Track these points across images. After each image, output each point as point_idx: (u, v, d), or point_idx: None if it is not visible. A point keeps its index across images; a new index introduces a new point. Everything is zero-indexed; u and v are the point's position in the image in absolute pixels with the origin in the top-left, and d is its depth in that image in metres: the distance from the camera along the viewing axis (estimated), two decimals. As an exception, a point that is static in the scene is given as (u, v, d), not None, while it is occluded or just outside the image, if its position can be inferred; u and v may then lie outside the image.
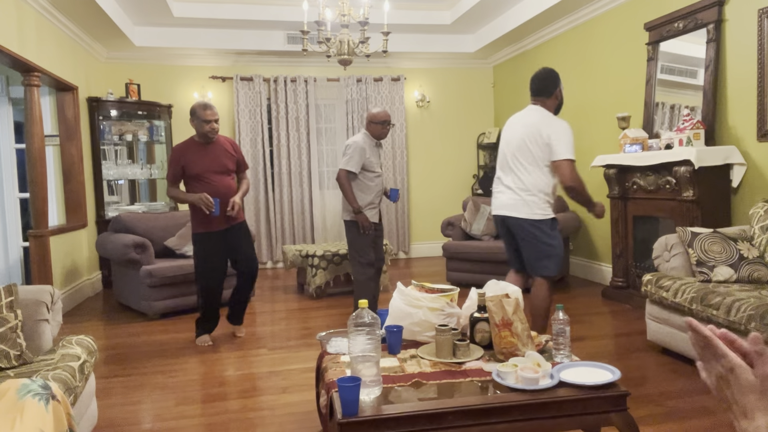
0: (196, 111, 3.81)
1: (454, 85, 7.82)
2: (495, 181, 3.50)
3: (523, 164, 3.28)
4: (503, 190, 3.38)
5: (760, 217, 3.37)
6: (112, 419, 2.79)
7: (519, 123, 3.39)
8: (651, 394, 2.86)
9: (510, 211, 3.33)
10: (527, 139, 3.27)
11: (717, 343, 0.82)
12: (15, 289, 2.47)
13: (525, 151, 3.28)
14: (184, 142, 3.92)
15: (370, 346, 1.92)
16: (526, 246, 3.35)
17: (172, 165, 3.84)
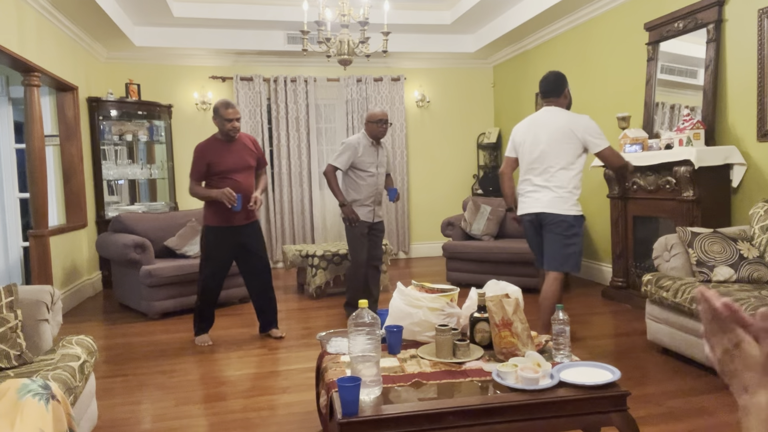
0: (218, 110, 3.84)
1: (454, 85, 7.82)
2: (523, 182, 3.57)
3: (558, 163, 3.40)
4: (537, 188, 3.47)
5: (760, 217, 3.37)
6: (112, 419, 2.79)
7: (546, 124, 3.47)
8: (651, 394, 2.86)
9: (547, 208, 3.41)
10: (561, 139, 3.40)
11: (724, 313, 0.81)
12: (15, 289, 2.47)
13: (559, 150, 3.40)
14: (208, 141, 3.94)
15: (370, 346, 1.92)
16: (556, 241, 3.43)
17: (197, 163, 3.86)
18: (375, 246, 4.47)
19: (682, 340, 3.21)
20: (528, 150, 3.51)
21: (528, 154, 3.51)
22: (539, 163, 3.45)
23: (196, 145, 3.97)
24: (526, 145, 3.52)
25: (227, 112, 3.82)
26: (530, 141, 3.50)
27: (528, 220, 3.54)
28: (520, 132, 3.60)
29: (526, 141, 3.53)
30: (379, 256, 4.53)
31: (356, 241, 4.34)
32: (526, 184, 3.54)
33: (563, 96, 3.55)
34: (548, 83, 3.54)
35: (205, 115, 7.10)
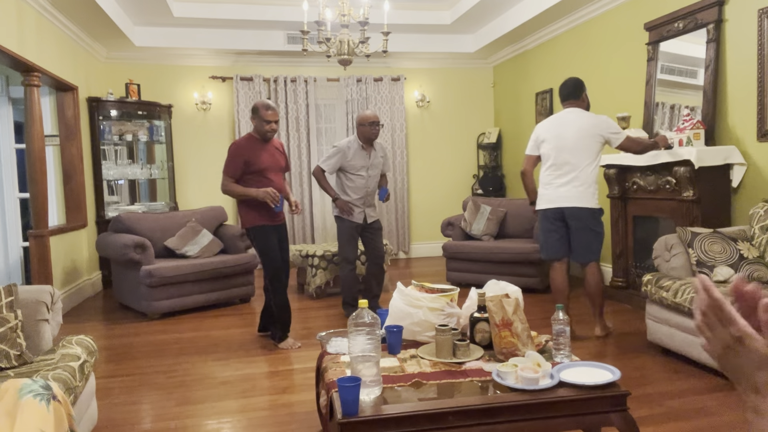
0: (258, 110, 3.83)
1: (454, 85, 7.82)
2: (547, 177, 3.77)
3: (584, 160, 3.67)
4: (563, 183, 3.71)
5: (760, 217, 3.37)
6: (112, 419, 2.79)
7: (571, 123, 3.72)
8: (651, 394, 2.86)
9: (574, 202, 3.68)
10: (586, 137, 3.68)
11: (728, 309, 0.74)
12: (15, 289, 2.47)
13: (585, 148, 3.68)
14: (245, 139, 3.90)
15: (370, 346, 1.92)
16: (583, 234, 3.73)
17: (235, 160, 3.81)
18: (374, 244, 4.51)
19: (682, 340, 3.21)
20: (553, 147, 3.73)
21: (554, 151, 3.73)
22: (565, 160, 3.69)
23: (231, 143, 3.94)
24: (551, 142, 3.74)
25: (267, 114, 3.80)
26: (556, 139, 3.72)
27: (551, 214, 3.75)
28: (544, 130, 3.82)
29: (551, 139, 3.75)
30: (381, 254, 4.56)
31: (344, 239, 4.45)
32: (551, 178, 3.74)
33: (582, 99, 3.83)
34: (567, 87, 3.83)
35: (205, 115, 7.11)
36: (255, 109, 3.86)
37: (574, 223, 3.71)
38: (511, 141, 7.44)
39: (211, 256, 5.19)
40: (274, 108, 3.86)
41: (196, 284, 4.90)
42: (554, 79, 6.30)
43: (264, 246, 3.86)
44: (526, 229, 5.62)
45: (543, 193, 3.81)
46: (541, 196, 3.82)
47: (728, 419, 2.55)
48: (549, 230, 3.80)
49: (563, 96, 3.85)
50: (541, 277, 5.15)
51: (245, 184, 3.85)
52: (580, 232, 3.73)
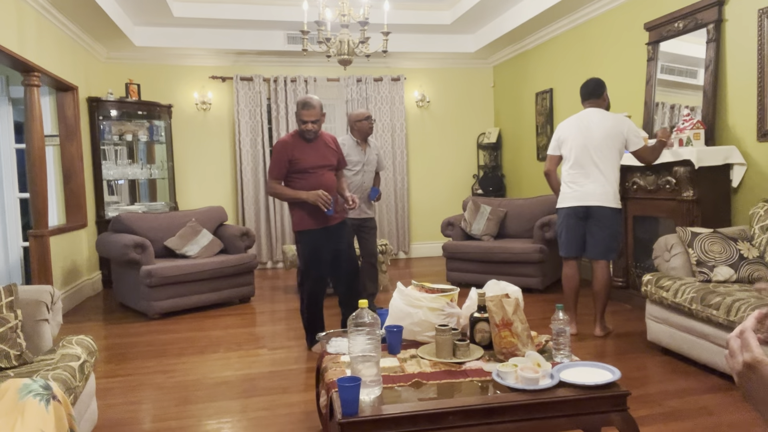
0: (297, 107, 3.67)
1: (454, 85, 7.82)
2: (571, 175, 3.80)
3: (608, 160, 3.72)
4: (589, 182, 3.74)
5: (760, 217, 3.37)
6: (112, 419, 2.79)
7: (597, 123, 3.76)
8: (651, 394, 2.86)
9: (600, 201, 3.72)
10: (612, 136, 3.72)
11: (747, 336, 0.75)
12: (15, 289, 2.47)
13: (609, 148, 3.73)
14: (290, 136, 3.72)
15: (370, 346, 1.92)
16: (605, 233, 3.76)
17: (279, 160, 3.62)
18: (367, 242, 4.55)
19: (682, 340, 3.21)
20: (579, 146, 3.75)
21: (579, 150, 3.76)
22: (591, 159, 3.72)
23: (276, 141, 3.75)
24: (575, 141, 3.77)
25: (303, 113, 3.61)
26: (581, 138, 3.75)
27: (574, 211, 3.78)
28: (566, 129, 3.85)
29: (575, 137, 3.77)
30: (373, 252, 4.60)
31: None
32: (576, 176, 3.78)
33: (603, 98, 3.88)
34: (589, 86, 3.88)
35: (205, 115, 7.11)
36: (296, 104, 3.68)
37: (598, 222, 3.75)
38: (511, 141, 7.44)
39: (211, 256, 5.19)
40: (312, 106, 3.62)
41: (196, 284, 4.90)
42: (554, 79, 6.30)
43: (306, 253, 3.68)
44: (526, 229, 5.62)
45: (567, 191, 3.82)
46: (565, 194, 3.84)
47: (728, 419, 2.55)
48: (572, 227, 3.82)
49: (585, 95, 3.89)
50: (541, 277, 5.15)
51: (292, 183, 3.65)
52: (602, 230, 3.76)
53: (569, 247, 3.88)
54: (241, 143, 7.04)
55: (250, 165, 7.09)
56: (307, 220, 3.65)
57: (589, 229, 3.80)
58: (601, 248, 3.79)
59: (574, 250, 3.87)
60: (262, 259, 7.18)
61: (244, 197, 7.09)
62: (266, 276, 6.70)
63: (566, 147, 3.83)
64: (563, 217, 3.88)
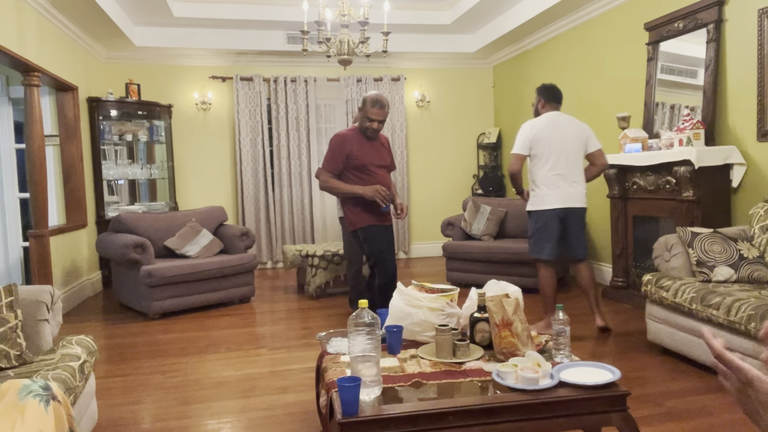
0: (365, 103, 3.57)
1: (454, 85, 7.82)
2: (552, 177, 3.80)
3: (580, 162, 3.86)
4: (571, 184, 3.81)
5: (760, 217, 3.37)
6: (112, 419, 2.79)
7: (569, 126, 3.87)
8: (651, 394, 2.86)
9: (580, 203, 3.83)
10: (581, 141, 3.85)
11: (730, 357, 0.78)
12: (15, 289, 2.47)
13: (580, 150, 3.85)
14: (348, 131, 3.64)
15: (370, 346, 1.92)
16: (580, 232, 3.89)
17: (337, 153, 3.53)
18: None
19: (682, 340, 3.21)
20: (556, 148, 3.79)
21: (558, 152, 3.79)
22: (569, 162, 3.79)
23: (334, 134, 3.67)
24: (551, 143, 3.79)
25: (372, 110, 3.55)
26: (558, 140, 3.79)
27: (558, 213, 3.80)
28: (540, 131, 3.83)
29: (552, 140, 3.80)
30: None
31: (347, 240, 4.47)
32: (558, 179, 3.80)
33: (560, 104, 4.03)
34: (556, 91, 3.97)
35: (205, 115, 7.11)
36: (364, 101, 3.59)
37: (577, 222, 3.85)
38: (511, 141, 7.38)
39: (211, 256, 5.19)
40: (384, 106, 3.57)
41: (196, 284, 4.90)
42: (554, 79, 6.29)
43: (375, 246, 3.59)
44: (525, 229, 5.61)
45: (549, 193, 3.80)
46: (546, 196, 3.80)
47: (728, 419, 2.55)
48: (553, 229, 3.82)
49: (554, 98, 3.95)
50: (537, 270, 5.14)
51: (346, 180, 3.58)
52: (581, 230, 3.89)
53: (551, 249, 3.84)
54: (241, 143, 7.04)
55: (250, 165, 7.09)
56: (367, 217, 3.59)
57: (571, 230, 3.84)
58: (583, 247, 3.93)
59: (554, 253, 3.86)
60: (262, 259, 7.18)
61: (244, 197, 7.09)
62: (266, 276, 6.70)
63: (542, 149, 3.80)
64: (546, 219, 3.81)
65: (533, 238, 3.90)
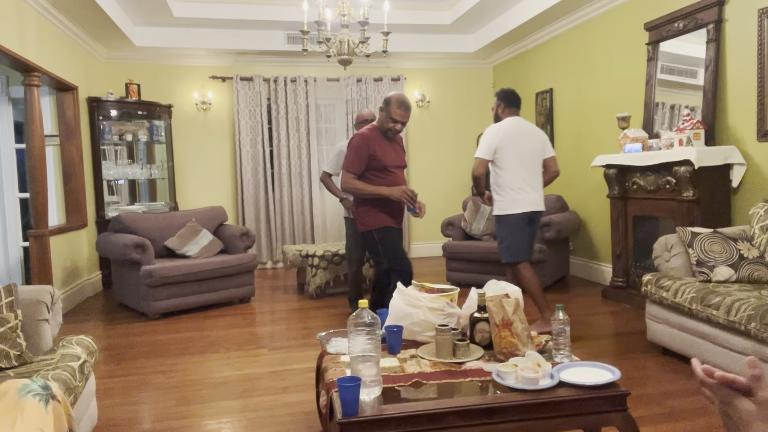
0: (390, 103, 3.52)
1: (454, 85, 7.82)
2: (519, 181, 3.84)
3: (540, 167, 3.94)
4: (535, 188, 3.89)
5: (760, 217, 3.37)
6: (112, 419, 2.79)
7: (533, 131, 3.96)
8: (651, 394, 2.86)
9: (542, 206, 3.93)
10: (541, 147, 3.94)
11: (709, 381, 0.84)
12: (15, 289, 2.47)
13: (540, 156, 3.93)
14: (370, 131, 3.57)
15: (370, 346, 1.92)
16: (535, 234, 3.97)
17: (360, 153, 3.48)
18: None
19: (682, 340, 3.21)
20: (523, 153, 3.85)
21: (524, 157, 3.85)
22: (533, 166, 3.88)
23: (356, 134, 3.59)
24: (518, 148, 3.83)
25: (397, 112, 3.51)
26: (522, 146, 3.85)
27: (527, 216, 3.86)
28: (507, 136, 3.84)
29: (518, 145, 3.83)
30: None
31: (350, 240, 4.54)
32: (524, 182, 3.84)
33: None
34: (516, 96, 4.02)
35: (205, 115, 7.11)
36: (388, 101, 3.53)
37: (536, 225, 3.97)
38: (511, 141, 7.43)
39: (211, 256, 5.19)
40: (409, 108, 3.56)
41: (196, 284, 4.91)
42: (554, 79, 6.30)
43: (391, 246, 3.55)
44: (526, 229, 5.62)
45: (518, 197, 3.84)
46: (517, 200, 3.84)
47: (728, 419, 2.55)
48: (524, 232, 3.89)
49: (516, 103, 4.01)
50: (541, 277, 5.15)
51: (365, 181, 3.56)
52: (535, 232, 3.99)
53: (524, 251, 3.89)
54: (241, 143, 7.04)
55: (250, 165, 7.10)
56: (385, 218, 3.57)
57: (531, 233, 3.94)
58: (531, 249, 4.00)
59: (528, 254, 3.92)
60: (262, 259, 7.18)
61: (244, 197, 7.09)
62: (266, 276, 6.70)
63: (508, 154, 3.82)
64: (518, 222, 3.84)
65: (506, 242, 3.89)
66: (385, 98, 3.60)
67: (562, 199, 5.71)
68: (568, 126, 6.13)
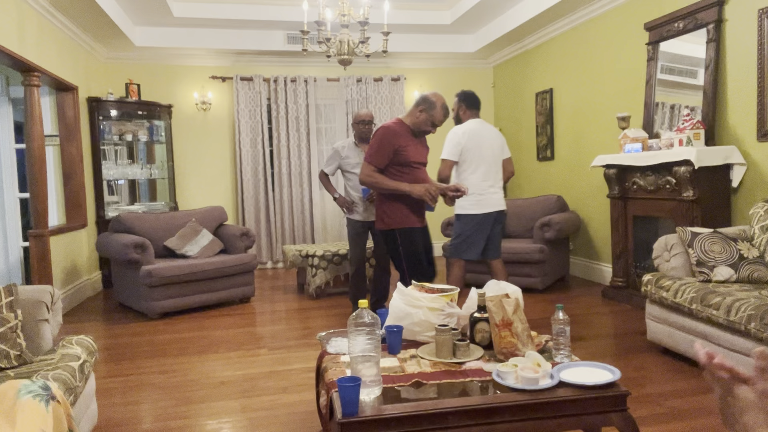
0: (434, 106, 3.40)
1: (454, 85, 7.80)
2: (482, 183, 3.93)
3: (500, 166, 4.07)
4: (497, 189, 4.03)
5: (760, 217, 3.37)
6: (112, 419, 2.79)
7: (493, 133, 4.09)
8: (651, 394, 2.86)
9: (503, 206, 4.05)
10: (500, 148, 4.08)
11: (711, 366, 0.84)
12: (15, 289, 2.47)
13: (500, 157, 4.07)
14: (397, 125, 3.44)
15: (370, 346, 1.92)
16: (500, 233, 4.08)
17: (385, 147, 3.33)
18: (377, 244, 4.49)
19: (682, 340, 3.21)
20: (485, 155, 3.95)
21: (487, 159, 3.96)
22: (495, 168, 4.01)
23: (381, 126, 3.46)
24: (480, 150, 3.93)
25: (440, 118, 3.42)
26: (485, 147, 3.95)
27: (492, 216, 3.98)
28: (470, 138, 3.93)
29: (481, 147, 3.93)
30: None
31: (350, 239, 4.56)
32: (485, 186, 3.95)
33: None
34: (476, 98, 4.12)
35: (205, 115, 7.11)
36: (432, 104, 3.40)
37: (499, 225, 4.06)
38: (511, 141, 7.41)
39: (211, 256, 5.19)
40: (449, 112, 3.53)
41: (196, 284, 4.91)
42: (554, 79, 6.30)
43: (411, 250, 3.41)
44: (526, 229, 5.62)
45: (482, 198, 3.93)
46: (481, 201, 3.93)
47: (728, 419, 2.55)
48: (483, 232, 3.96)
49: (476, 105, 4.10)
50: (541, 277, 5.15)
51: (387, 175, 3.41)
52: (499, 231, 4.08)
53: (478, 251, 3.96)
54: (241, 143, 7.04)
55: (250, 165, 7.10)
56: (409, 216, 3.41)
57: (495, 232, 4.02)
58: (498, 247, 4.09)
59: (479, 254, 3.97)
60: (262, 259, 7.18)
61: (244, 197, 7.09)
62: (266, 276, 6.70)
63: (472, 155, 3.91)
64: (483, 222, 3.93)
65: (459, 239, 3.99)
66: (427, 98, 3.44)
67: (562, 199, 5.71)
68: (568, 126, 6.13)
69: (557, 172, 6.35)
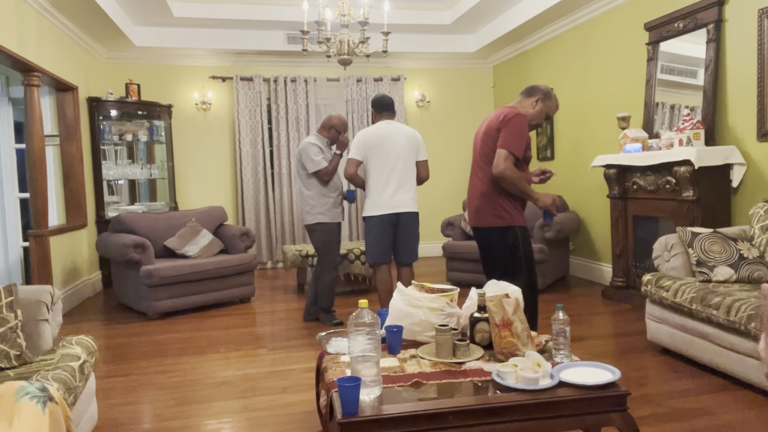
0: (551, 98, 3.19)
1: (454, 85, 7.82)
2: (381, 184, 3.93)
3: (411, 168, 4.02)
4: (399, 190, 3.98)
5: (760, 217, 3.37)
6: (112, 419, 2.79)
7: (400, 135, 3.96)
8: (651, 394, 2.86)
9: (410, 207, 4.04)
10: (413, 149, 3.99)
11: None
12: (15, 289, 2.47)
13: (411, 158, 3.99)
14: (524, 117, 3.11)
15: (370, 346, 1.92)
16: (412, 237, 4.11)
17: (525, 136, 3.01)
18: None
19: (682, 340, 3.21)
20: (386, 155, 3.91)
21: (386, 159, 3.91)
22: (399, 168, 3.92)
23: (515, 112, 3.05)
24: (382, 150, 3.91)
25: (553, 106, 3.19)
26: (388, 148, 3.91)
27: (388, 219, 3.93)
28: (372, 139, 3.94)
29: (383, 147, 3.90)
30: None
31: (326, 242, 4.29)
32: (383, 187, 3.92)
33: (394, 113, 4.14)
34: (386, 101, 4.07)
35: (205, 115, 7.11)
36: (546, 93, 3.16)
37: (407, 227, 4.00)
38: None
39: (211, 256, 5.19)
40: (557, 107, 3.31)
41: (196, 284, 4.90)
42: (554, 79, 6.30)
43: (530, 250, 3.19)
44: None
45: (378, 200, 3.92)
46: (376, 203, 3.93)
47: (728, 419, 2.55)
48: (384, 235, 3.95)
49: (383, 107, 4.06)
50: (541, 277, 5.14)
51: None
52: (411, 235, 4.04)
53: (381, 254, 3.97)
54: (241, 143, 7.04)
55: (250, 165, 7.09)
56: (521, 216, 3.19)
57: (401, 236, 3.99)
58: (412, 252, 4.06)
59: (385, 257, 3.99)
60: (262, 259, 7.18)
61: (244, 197, 7.09)
62: (266, 276, 6.70)
63: (371, 156, 3.93)
64: (376, 224, 3.93)
65: (367, 243, 4.01)
66: (540, 89, 3.19)
67: (562, 199, 5.70)
68: (568, 126, 6.13)
69: (557, 172, 6.34)
